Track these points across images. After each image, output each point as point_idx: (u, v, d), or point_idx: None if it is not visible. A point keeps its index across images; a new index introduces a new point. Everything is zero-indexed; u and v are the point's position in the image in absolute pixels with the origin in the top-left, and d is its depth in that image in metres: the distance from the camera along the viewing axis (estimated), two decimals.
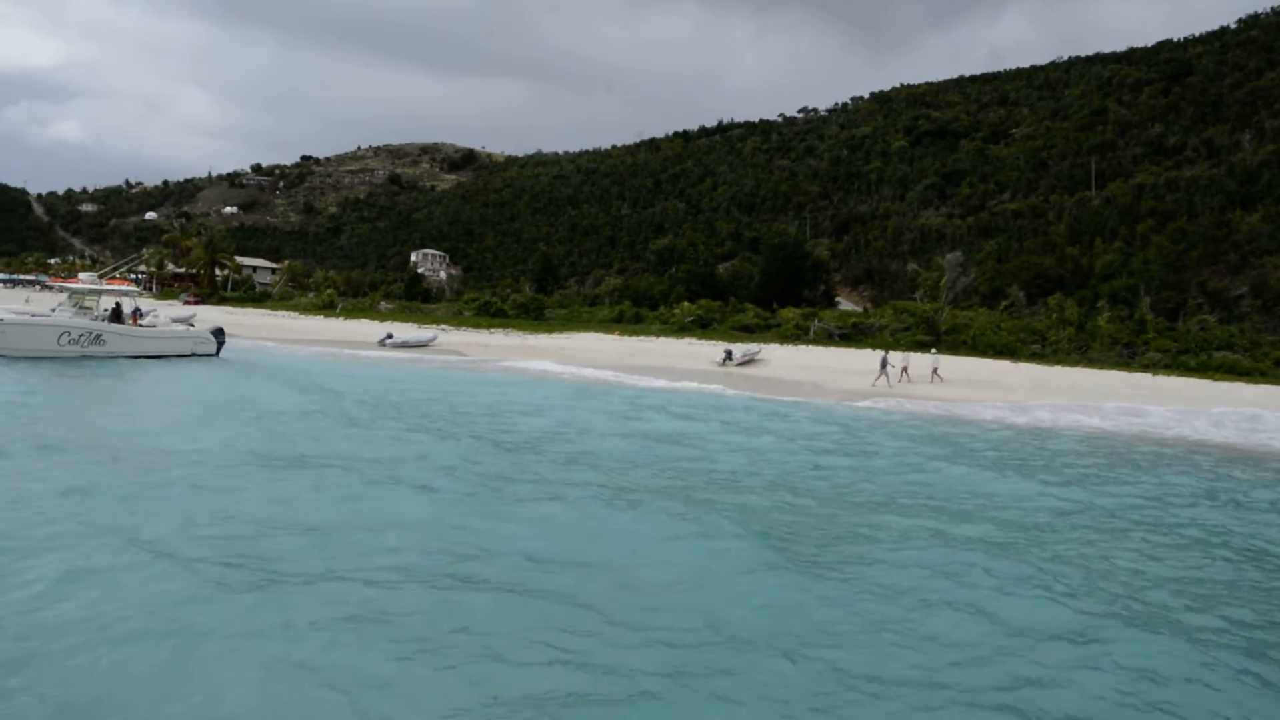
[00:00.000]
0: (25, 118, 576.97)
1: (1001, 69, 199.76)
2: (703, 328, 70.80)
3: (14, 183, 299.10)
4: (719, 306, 77.06)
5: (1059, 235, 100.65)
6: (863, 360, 50.95)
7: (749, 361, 52.44)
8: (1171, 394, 39.68)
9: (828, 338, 63.17)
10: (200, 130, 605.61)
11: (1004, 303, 71.09)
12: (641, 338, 66.68)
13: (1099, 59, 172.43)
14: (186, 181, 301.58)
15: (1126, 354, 52.89)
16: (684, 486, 17.59)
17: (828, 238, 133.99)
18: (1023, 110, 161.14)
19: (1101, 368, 49.12)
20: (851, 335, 63.66)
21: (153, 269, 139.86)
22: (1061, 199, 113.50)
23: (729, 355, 52.30)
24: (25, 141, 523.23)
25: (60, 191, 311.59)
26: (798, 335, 64.55)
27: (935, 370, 44.47)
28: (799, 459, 21.70)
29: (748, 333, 67.72)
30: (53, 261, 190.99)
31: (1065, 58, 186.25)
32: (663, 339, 66.03)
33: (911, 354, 49.54)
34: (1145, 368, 48.86)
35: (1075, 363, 50.86)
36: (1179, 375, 46.20)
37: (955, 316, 63.78)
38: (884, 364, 42.78)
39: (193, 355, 40.50)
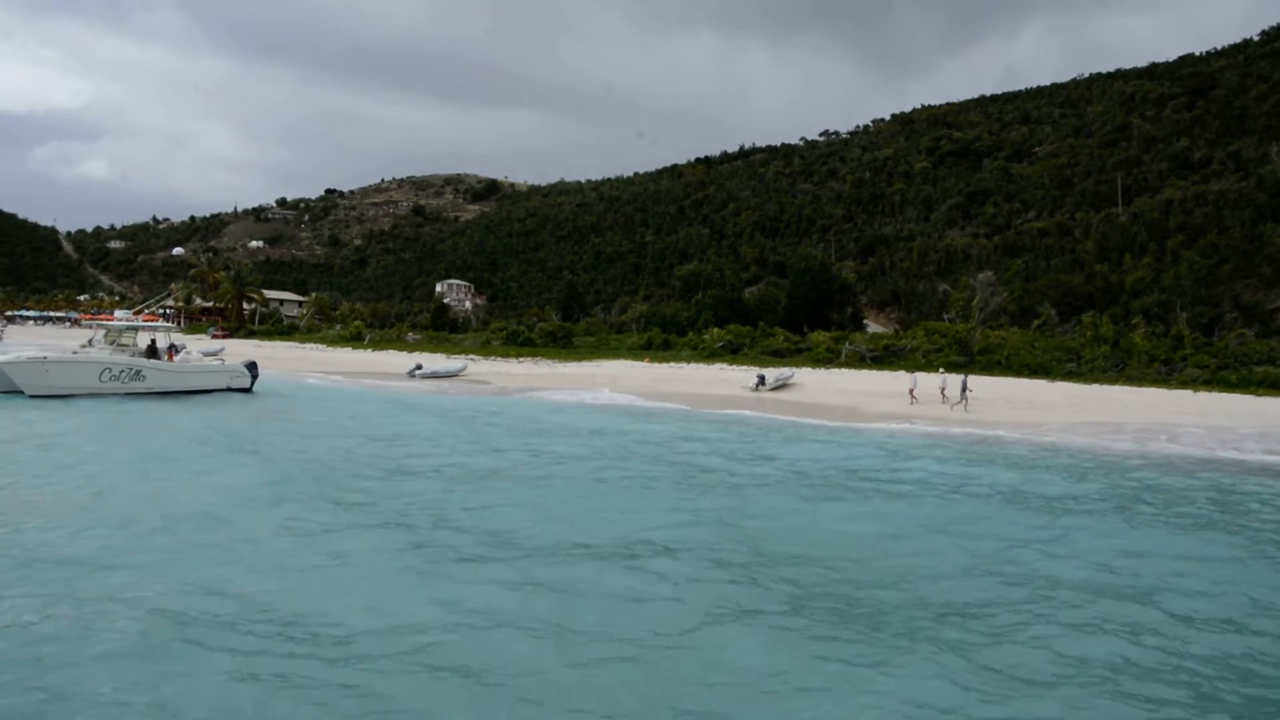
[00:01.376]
0: (54, 157, 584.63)
1: (1021, 88, 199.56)
2: (733, 353, 70.48)
3: (44, 221, 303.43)
4: (748, 331, 76.72)
5: (1087, 252, 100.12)
6: (898, 383, 50.51)
7: (782, 386, 52.10)
8: (1226, 412, 39.09)
9: (859, 360, 62.74)
10: (225, 166, 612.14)
11: (1036, 321, 70.47)
12: (672, 364, 66.40)
13: (1120, 75, 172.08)
14: (213, 217, 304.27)
15: (1164, 370, 52.22)
16: None
17: (853, 260, 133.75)
18: (1045, 128, 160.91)
19: (1140, 385, 48.48)
20: (883, 358, 63.22)
21: (181, 304, 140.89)
22: (1088, 216, 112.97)
23: (762, 380, 51.95)
24: (54, 180, 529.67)
25: (89, 229, 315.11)
26: (829, 359, 64.13)
27: (959, 388, 43.74)
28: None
29: (778, 357, 67.32)
30: (82, 298, 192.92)
31: (1086, 75, 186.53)
32: (693, 365, 65.72)
33: (948, 376, 48.76)
34: (1184, 384, 48.19)
35: (1113, 381, 50.25)
36: (1220, 391, 45.55)
37: (988, 336, 63.25)
38: (955, 385, 42.53)
39: (228, 390, 40.60)
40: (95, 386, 35.50)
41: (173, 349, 41.47)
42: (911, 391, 45.37)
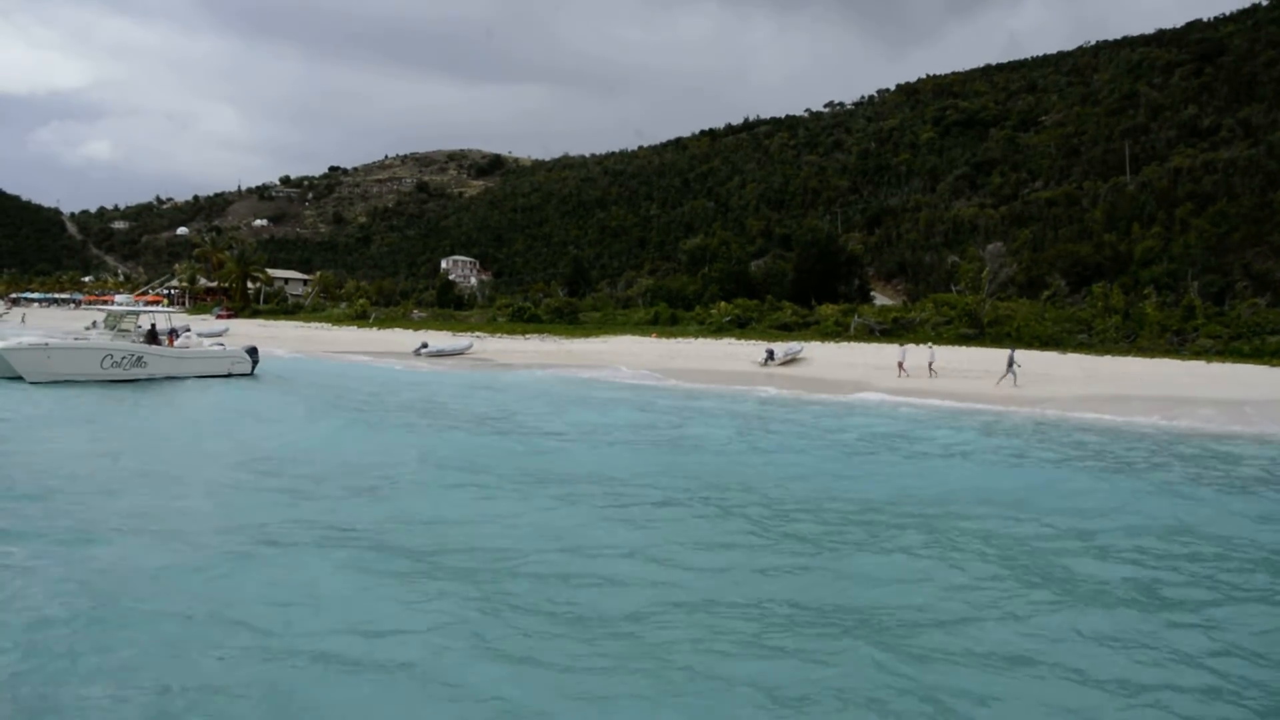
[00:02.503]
0: (56, 139, 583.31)
1: (1027, 56, 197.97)
2: (740, 327, 70.19)
3: (47, 203, 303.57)
4: (756, 305, 76.36)
5: (1095, 222, 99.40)
6: (908, 355, 50.29)
7: (791, 360, 51.80)
8: (1242, 382, 38.77)
9: (868, 333, 62.42)
10: (228, 145, 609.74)
11: (1046, 293, 69.95)
12: (680, 339, 66.18)
13: (1127, 42, 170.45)
14: (216, 196, 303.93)
15: (1177, 341, 51.79)
16: None
17: (859, 232, 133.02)
18: (1051, 97, 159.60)
19: (1152, 356, 48.07)
20: (892, 330, 62.84)
21: (185, 284, 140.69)
22: (1096, 185, 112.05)
23: (771, 355, 51.64)
24: (57, 162, 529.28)
25: (93, 210, 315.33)
26: (838, 332, 63.82)
27: (931, 364, 45.26)
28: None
29: (786, 331, 67.03)
30: (87, 280, 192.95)
31: (1092, 42, 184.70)
32: (701, 340, 65.50)
33: (909, 346, 49.65)
34: (1197, 355, 47.83)
35: (1125, 352, 49.85)
36: (1234, 361, 45.16)
37: (997, 308, 62.80)
38: (1011, 362, 41.13)
39: (229, 375, 40.32)
40: (97, 373, 35.27)
41: (174, 333, 41.21)
42: (900, 364, 45.80)
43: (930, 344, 50.65)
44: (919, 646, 10.42)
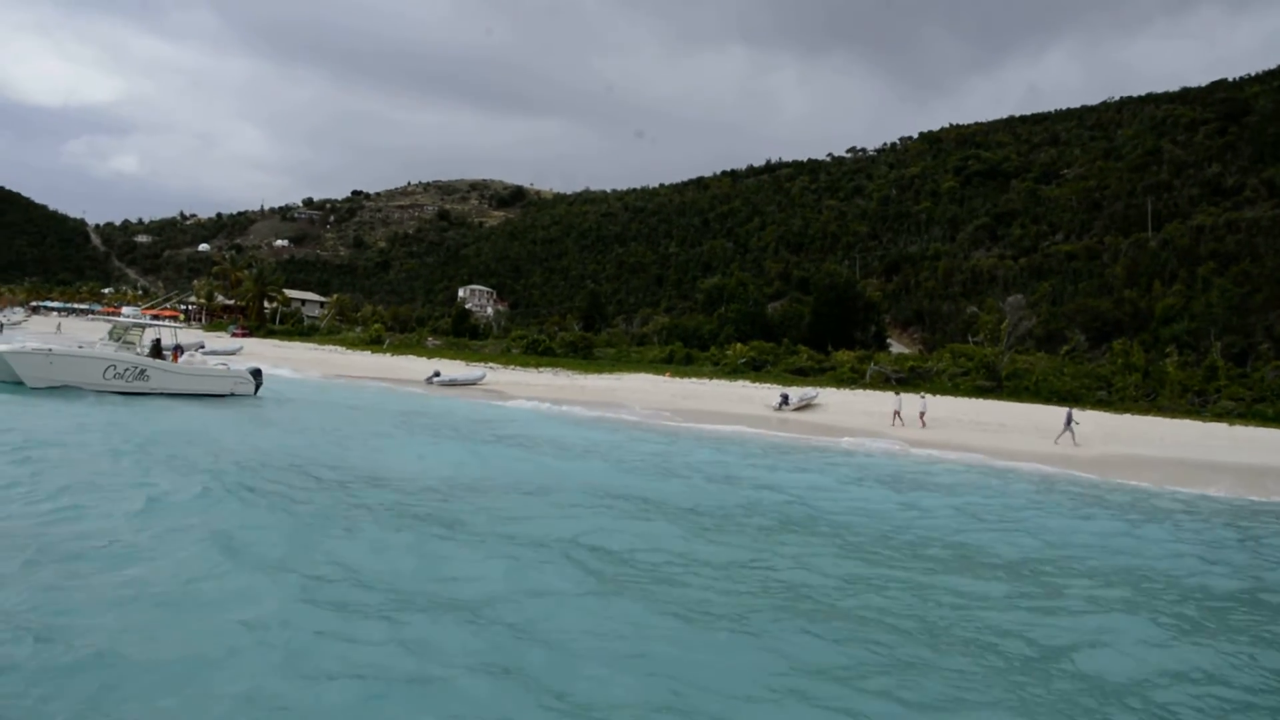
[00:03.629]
0: (86, 151, 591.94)
1: (1051, 109, 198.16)
2: (755, 370, 69.74)
3: (74, 213, 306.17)
4: (772, 348, 75.97)
5: (1116, 277, 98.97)
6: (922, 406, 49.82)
7: (806, 406, 51.32)
8: (1265, 447, 38.12)
9: (884, 381, 61.90)
10: (253, 165, 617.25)
11: (1065, 347, 69.35)
12: (694, 379, 65.75)
13: (1151, 99, 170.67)
14: (239, 214, 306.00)
15: (1198, 402, 51.17)
16: None
17: (877, 278, 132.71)
18: (1074, 150, 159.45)
19: (1173, 416, 47.47)
20: (909, 379, 62.34)
21: (203, 300, 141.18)
22: (1117, 240, 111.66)
23: (785, 400, 51.19)
24: (86, 174, 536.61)
25: (117, 222, 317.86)
26: (854, 379, 63.32)
27: (922, 414, 45.47)
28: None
29: (802, 376, 66.54)
30: (106, 291, 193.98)
31: (1116, 98, 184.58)
32: (715, 381, 65.02)
33: (904, 396, 50.00)
34: (1219, 417, 47.21)
35: (1144, 410, 49.26)
36: (1257, 425, 44.55)
37: (1016, 361, 62.29)
38: (1069, 420, 40.24)
39: (231, 395, 39.97)
40: (98, 383, 34.92)
41: (178, 349, 40.90)
42: (896, 413, 45.98)
43: (923, 395, 50.73)
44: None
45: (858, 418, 46.18)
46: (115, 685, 9.09)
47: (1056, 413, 45.86)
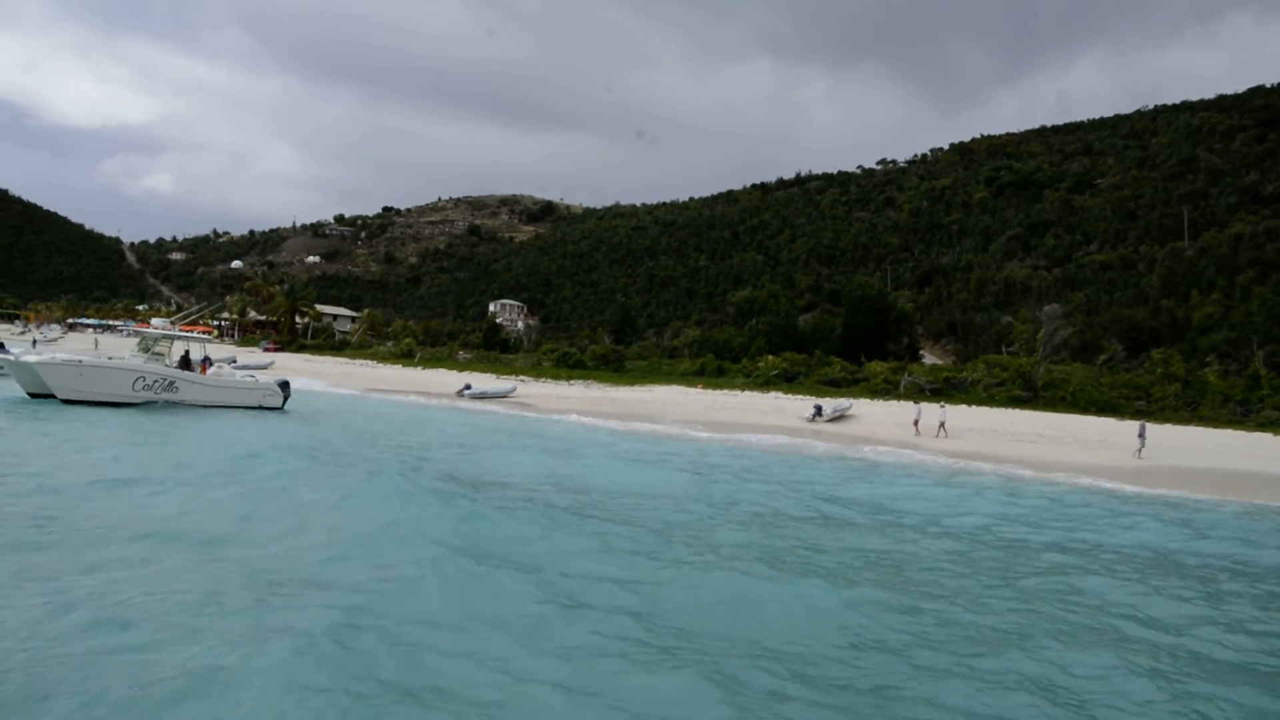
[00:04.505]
0: (121, 170, 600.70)
1: (1083, 119, 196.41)
2: (788, 381, 69.26)
3: (109, 232, 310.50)
4: (804, 360, 75.42)
5: (1152, 287, 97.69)
6: (957, 416, 49.14)
7: (840, 418, 50.85)
8: None
9: (918, 392, 61.20)
10: (285, 182, 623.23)
11: (1102, 357, 68.46)
12: (725, 391, 65.37)
13: (1186, 107, 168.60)
14: (271, 231, 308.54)
15: (1240, 411, 50.20)
16: None
17: (909, 290, 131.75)
18: (1108, 160, 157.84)
19: (1215, 426, 46.61)
20: (943, 390, 61.66)
21: (235, 316, 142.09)
22: (1152, 250, 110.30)
23: (819, 411, 50.74)
24: (120, 192, 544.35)
25: (152, 240, 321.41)
26: (887, 390, 62.71)
27: (942, 423, 45.08)
28: None
29: (835, 387, 66.03)
30: (141, 308, 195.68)
31: (1150, 106, 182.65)
32: (747, 393, 64.60)
33: (924, 405, 49.54)
34: (1263, 426, 46.28)
35: (1185, 421, 48.42)
36: None
37: (1052, 371, 61.47)
38: (1142, 433, 39.05)
39: (260, 408, 40.00)
40: (128, 395, 35.12)
41: (206, 361, 40.98)
42: (916, 423, 45.90)
43: (943, 404, 50.01)
44: None
45: (891, 429, 45.63)
46: None
47: (1095, 423, 45.22)
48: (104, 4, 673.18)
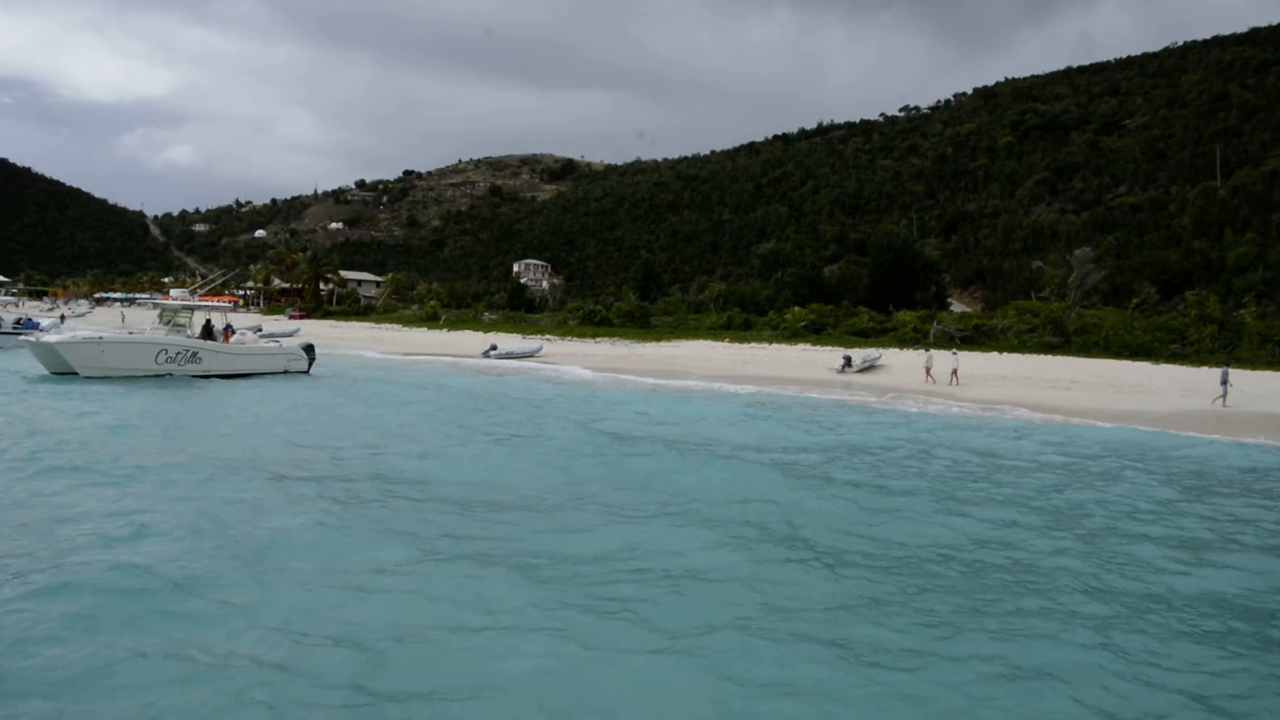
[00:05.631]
0: (141, 144, 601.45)
1: (1109, 59, 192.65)
2: (816, 333, 68.63)
3: (132, 206, 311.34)
4: (831, 310, 74.71)
5: (1184, 228, 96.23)
6: (990, 364, 48.52)
7: (869, 368, 50.24)
8: None
9: (948, 341, 60.46)
10: (305, 149, 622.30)
11: (1135, 300, 67.38)
12: (753, 344, 64.75)
13: (1218, 42, 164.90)
14: (293, 199, 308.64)
15: (1279, 352, 49.31)
16: None
17: (935, 237, 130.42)
18: (1136, 100, 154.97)
19: (1254, 368, 45.57)
20: (973, 338, 60.95)
21: (260, 285, 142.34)
22: (1184, 190, 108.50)
23: (848, 362, 50.13)
24: (142, 166, 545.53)
25: (175, 213, 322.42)
26: (916, 339, 62.01)
27: (955, 371, 44.00)
28: None
29: (863, 337, 65.40)
30: (166, 280, 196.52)
31: (1180, 43, 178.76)
32: (775, 345, 63.99)
33: (935, 352, 49.21)
34: None
35: (1222, 363, 47.47)
36: None
37: (1083, 316, 60.56)
38: (1226, 379, 37.20)
39: (285, 373, 39.86)
40: (151, 368, 35.00)
41: (229, 330, 40.78)
42: (928, 370, 45.23)
43: (955, 351, 49.22)
44: None
45: (923, 377, 44.95)
46: None
47: (1130, 368, 44.49)
48: None
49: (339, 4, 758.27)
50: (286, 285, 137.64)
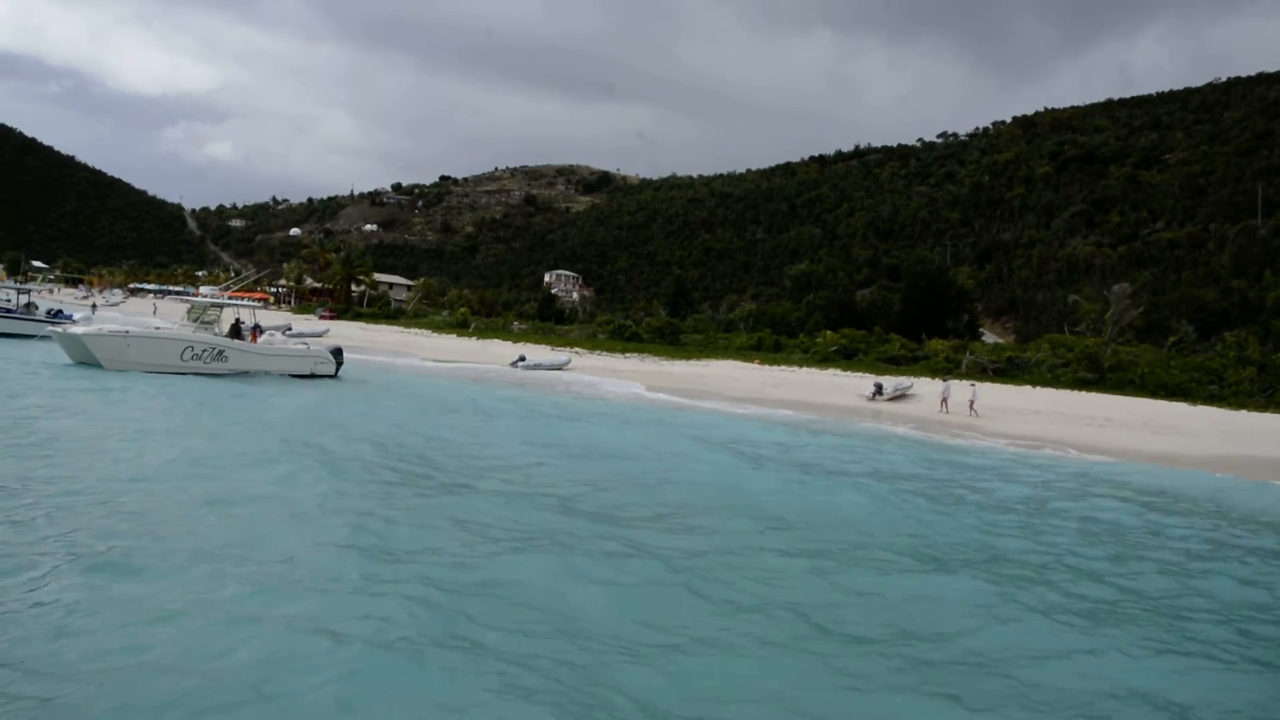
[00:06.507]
0: (184, 138, 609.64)
1: (1150, 92, 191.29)
2: (847, 358, 68.22)
3: (171, 199, 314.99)
4: (863, 336, 74.28)
5: (1222, 266, 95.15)
6: (1023, 398, 48.10)
7: (900, 396, 49.98)
8: None
9: (980, 372, 59.99)
10: (343, 150, 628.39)
11: (1171, 338, 66.68)
12: (783, 367, 64.45)
13: (1262, 79, 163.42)
14: (329, 199, 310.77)
15: None
16: None
17: (969, 266, 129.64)
18: (1177, 135, 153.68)
19: None
20: (1006, 370, 60.42)
21: (292, 283, 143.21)
22: (1223, 228, 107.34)
23: (879, 389, 49.86)
24: (183, 160, 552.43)
25: (212, 207, 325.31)
26: (948, 369, 61.48)
27: (972, 402, 44.12)
28: None
29: (894, 365, 64.98)
30: (200, 274, 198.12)
31: (1223, 79, 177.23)
32: (805, 369, 63.67)
33: (952, 382, 49.25)
34: None
35: (1262, 407, 46.65)
36: None
37: (1119, 353, 59.95)
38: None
39: (312, 375, 39.79)
40: (176, 365, 34.81)
41: (257, 329, 40.69)
42: (944, 400, 45.53)
43: (973, 383, 49.54)
44: None
45: (959, 409, 44.58)
46: None
47: (1166, 408, 43.98)
48: None
49: (382, 6, 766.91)
50: (319, 285, 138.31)
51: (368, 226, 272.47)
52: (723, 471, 23.07)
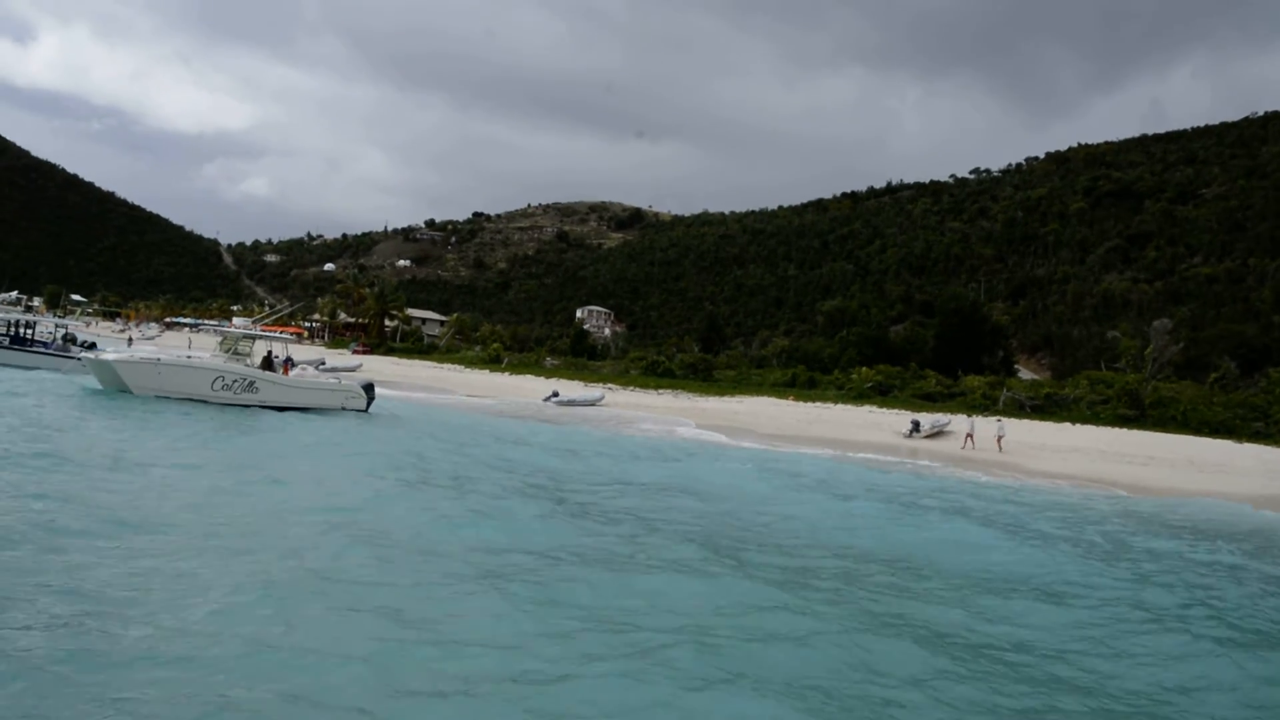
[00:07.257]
0: (220, 174, 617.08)
1: (1185, 127, 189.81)
2: (882, 395, 67.75)
3: (208, 234, 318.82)
4: (899, 372, 73.83)
5: (1263, 302, 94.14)
6: (1064, 436, 47.56)
7: (938, 434, 49.53)
8: None
9: (1018, 409, 59.44)
10: (377, 187, 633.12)
11: (1213, 375, 65.86)
12: (818, 404, 64.06)
13: None
14: (363, 235, 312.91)
15: None
16: None
17: (1003, 302, 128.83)
18: (1213, 169, 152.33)
19: None
20: (1044, 407, 59.84)
21: (326, 318, 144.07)
22: (1263, 263, 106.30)
23: (916, 427, 49.49)
24: (219, 196, 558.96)
25: (248, 243, 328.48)
26: (985, 406, 60.94)
27: (999, 439, 44.58)
28: None
29: (930, 401, 64.47)
30: (235, 308, 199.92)
31: (1260, 113, 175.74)
32: (840, 406, 63.26)
33: (978, 419, 49.39)
34: None
35: None
36: None
37: (1159, 390, 59.22)
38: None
39: (342, 410, 39.46)
40: (206, 394, 34.73)
41: (289, 362, 40.62)
42: (969, 436, 45.85)
43: (999, 419, 49.41)
44: None
45: (993, 446, 44.10)
46: None
47: (1210, 445, 43.35)
48: (207, 14, 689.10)
49: (415, 45, 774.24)
50: (352, 320, 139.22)
51: (401, 262, 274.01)
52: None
